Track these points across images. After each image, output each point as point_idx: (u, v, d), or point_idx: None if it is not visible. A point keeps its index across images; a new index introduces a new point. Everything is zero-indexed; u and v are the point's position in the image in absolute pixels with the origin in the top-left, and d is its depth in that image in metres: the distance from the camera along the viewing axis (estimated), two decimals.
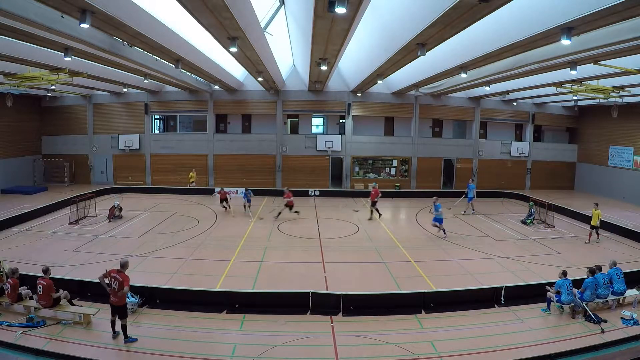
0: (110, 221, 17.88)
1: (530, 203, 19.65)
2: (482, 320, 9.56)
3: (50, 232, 16.19)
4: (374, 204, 19.68)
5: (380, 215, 19.76)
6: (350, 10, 8.49)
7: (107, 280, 8.35)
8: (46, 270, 9.17)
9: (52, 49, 13.41)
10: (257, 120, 28.42)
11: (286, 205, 19.13)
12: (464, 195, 21.31)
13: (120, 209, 18.79)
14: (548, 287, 9.97)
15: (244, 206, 19.91)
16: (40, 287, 8.97)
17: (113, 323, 8.36)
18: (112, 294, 8.21)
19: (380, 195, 19.72)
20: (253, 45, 12.93)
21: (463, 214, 20.72)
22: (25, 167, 26.08)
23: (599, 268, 10.29)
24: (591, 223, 15.82)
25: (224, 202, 20.58)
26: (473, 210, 21.12)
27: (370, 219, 19.54)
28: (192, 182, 25.44)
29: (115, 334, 8.34)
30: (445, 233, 16.52)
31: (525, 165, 28.79)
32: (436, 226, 16.82)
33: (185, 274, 12.06)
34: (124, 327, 8.25)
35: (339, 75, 25.27)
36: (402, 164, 28.26)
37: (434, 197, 17.31)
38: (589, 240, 15.87)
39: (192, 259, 13.43)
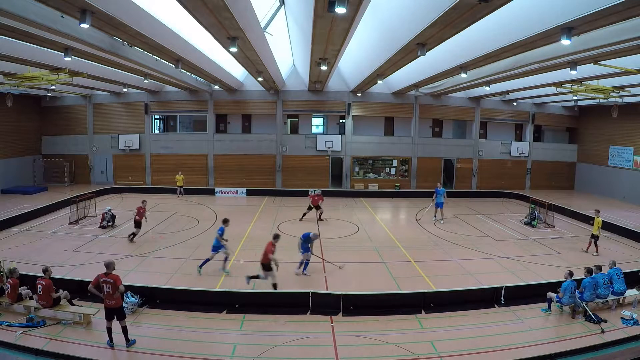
0: (103, 227, 16.95)
1: (532, 205, 19.48)
2: (482, 320, 9.56)
3: (50, 232, 16.19)
4: (318, 208, 18.87)
5: (303, 216, 19.06)
6: (350, 10, 8.48)
7: (96, 290, 8.07)
8: (45, 270, 9.15)
9: (52, 49, 13.41)
10: (257, 120, 28.42)
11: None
12: (432, 202, 19.21)
13: (113, 218, 17.40)
14: (551, 294, 9.95)
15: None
16: (39, 287, 8.96)
17: (110, 331, 8.03)
18: (108, 298, 7.96)
19: (322, 201, 19.00)
20: (253, 45, 12.93)
21: (437, 220, 19.06)
22: (25, 167, 26.07)
23: (599, 268, 10.29)
24: (592, 232, 14.55)
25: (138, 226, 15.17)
26: (442, 218, 19.06)
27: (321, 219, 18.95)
28: (181, 185, 24.70)
29: (112, 343, 8.02)
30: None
31: (525, 165, 28.79)
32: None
33: (185, 274, 12.05)
34: (124, 329, 8.07)
35: (339, 75, 25.26)
36: (402, 164, 28.25)
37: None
38: (587, 249, 14.65)
39: (192, 259, 13.42)
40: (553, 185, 28.58)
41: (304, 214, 19.10)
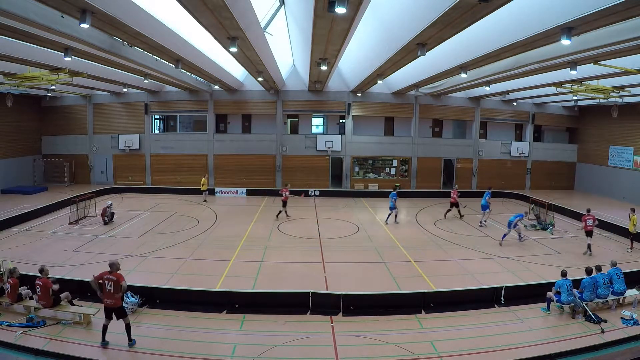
0: (105, 223, 17.28)
1: (532, 206, 19.17)
2: (482, 320, 9.56)
3: (50, 232, 16.19)
4: (455, 205, 19.77)
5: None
6: (350, 10, 8.49)
7: (96, 286, 8.08)
8: (42, 270, 9.10)
9: (52, 49, 13.41)
10: (257, 120, 28.42)
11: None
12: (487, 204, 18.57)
13: (112, 214, 17.93)
14: (550, 293, 9.95)
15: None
16: (37, 288, 8.96)
17: (105, 328, 8.05)
18: (108, 296, 7.97)
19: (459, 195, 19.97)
20: (253, 45, 12.93)
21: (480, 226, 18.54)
22: (25, 167, 26.06)
23: (599, 268, 10.28)
24: (630, 230, 14.90)
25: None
26: (484, 220, 18.75)
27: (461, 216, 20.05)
28: (205, 190, 23.92)
29: (105, 342, 8.01)
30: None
31: (525, 165, 28.79)
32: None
33: (185, 274, 12.05)
34: (127, 327, 8.05)
35: (339, 75, 25.26)
36: (402, 164, 28.25)
37: None
38: (632, 248, 14.92)
39: (192, 259, 13.43)
40: (553, 185, 28.58)
41: (460, 212, 20.08)
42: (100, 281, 8.08)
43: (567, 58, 12.61)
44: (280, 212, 19.36)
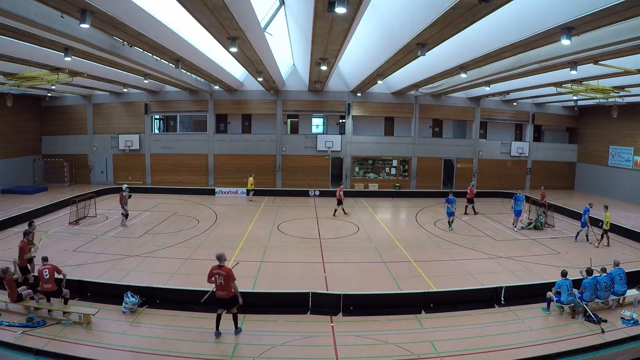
0: (125, 215, 17.34)
1: (539, 213, 18.71)
2: (482, 320, 9.56)
3: (50, 232, 16.18)
4: (470, 201, 20.86)
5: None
6: (350, 10, 8.49)
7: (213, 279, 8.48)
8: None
9: (52, 49, 13.41)
10: (257, 120, 28.42)
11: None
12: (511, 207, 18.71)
13: (126, 215, 17.55)
14: (550, 293, 9.95)
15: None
16: (46, 272, 9.15)
17: (219, 318, 8.57)
18: (220, 289, 8.41)
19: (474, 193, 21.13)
20: (253, 45, 12.93)
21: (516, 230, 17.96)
22: (25, 167, 26.07)
23: (604, 270, 10.25)
24: (604, 227, 15.16)
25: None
26: (517, 225, 18.26)
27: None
28: (252, 190, 23.85)
29: (219, 332, 8.54)
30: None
31: (525, 165, 28.80)
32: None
33: (185, 274, 12.05)
34: (234, 317, 8.60)
35: (339, 75, 25.26)
36: (402, 164, 28.25)
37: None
38: (599, 244, 15.23)
39: (192, 259, 13.42)
40: (553, 185, 28.54)
41: (473, 208, 20.99)
42: (213, 278, 8.46)
43: (567, 58, 12.62)
44: (336, 210, 20.27)
